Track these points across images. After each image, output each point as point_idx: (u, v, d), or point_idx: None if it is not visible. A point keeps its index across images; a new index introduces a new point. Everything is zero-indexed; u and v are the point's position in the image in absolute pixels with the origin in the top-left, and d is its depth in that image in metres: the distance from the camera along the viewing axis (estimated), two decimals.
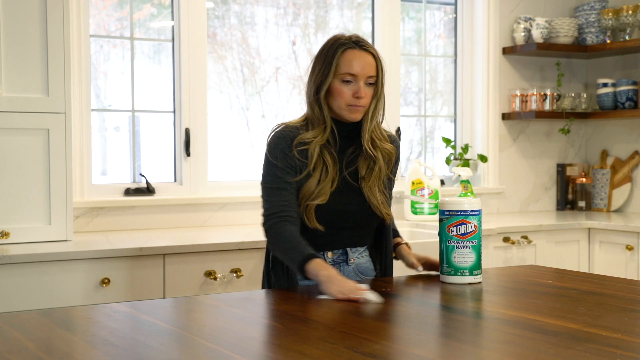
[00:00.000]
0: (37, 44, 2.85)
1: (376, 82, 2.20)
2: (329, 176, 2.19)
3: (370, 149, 2.23)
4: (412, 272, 2.31)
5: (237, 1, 3.79)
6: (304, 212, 2.18)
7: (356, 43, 2.19)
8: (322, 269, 2.00)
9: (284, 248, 2.12)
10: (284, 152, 2.18)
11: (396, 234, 2.42)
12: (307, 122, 2.23)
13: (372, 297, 1.89)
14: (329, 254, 2.24)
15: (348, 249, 2.26)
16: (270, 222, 2.16)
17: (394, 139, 2.34)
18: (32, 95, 2.85)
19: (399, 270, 2.37)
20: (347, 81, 2.17)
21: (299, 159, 2.18)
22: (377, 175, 2.25)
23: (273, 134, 2.23)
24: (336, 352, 1.45)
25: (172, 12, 3.58)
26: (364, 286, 1.94)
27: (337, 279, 1.96)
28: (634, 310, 1.86)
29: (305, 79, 2.26)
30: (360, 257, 2.28)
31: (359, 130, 2.25)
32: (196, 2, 3.56)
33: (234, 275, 2.91)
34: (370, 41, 4.06)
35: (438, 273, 2.20)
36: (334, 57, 2.18)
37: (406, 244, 2.39)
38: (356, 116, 2.19)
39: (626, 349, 1.45)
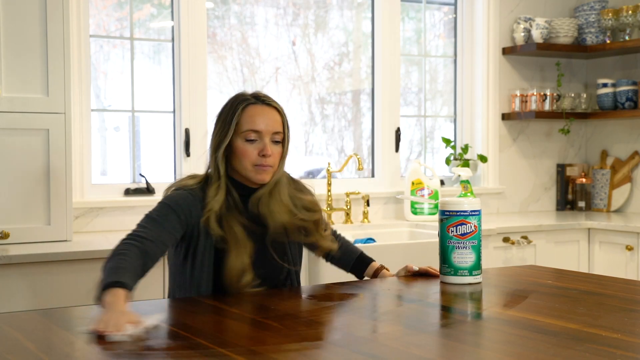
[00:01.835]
0: (37, 44, 2.85)
1: (283, 140, 2.09)
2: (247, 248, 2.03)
3: (266, 215, 2.07)
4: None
5: (237, 1, 3.79)
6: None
7: (257, 98, 2.09)
8: (112, 296, 1.72)
9: (111, 265, 1.87)
10: (189, 210, 2.04)
11: (367, 258, 2.34)
12: (205, 182, 2.10)
13: (131, 332, 1.57)
14: None
15: None
16: (128, 241, 1.96)
17: (300, 186, 2.22)
18: (32, 96, 2.85)
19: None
20: (251, 140, 2.05)
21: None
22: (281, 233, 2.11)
23: (181, 192, 2.09)
24: (336, 352, 1.45)
25: (172, 12, 3.58)
26: (150, 319, 1.65)
27: (111, 309, 1.67)
28: (634, 310, 1.86)
29: (306, 79, 2.24)
30: None
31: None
32: (196, 2, 3.56)
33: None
34: (370, 41, 4.09)
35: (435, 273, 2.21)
36: (234, 114, 2.07)
37: (386, 269, 2.31)
38: (264, 177, 2.06)
39: (626, 349, 1.45)
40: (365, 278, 2.33)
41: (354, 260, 2.34)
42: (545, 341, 1.50)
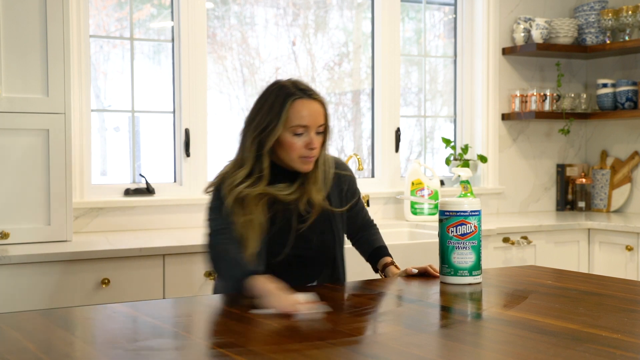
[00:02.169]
0: (37, 45, 2.85)
1: (325, 130, 2.16)
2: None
3: (318, 200, 2.18)
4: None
5: (237, 1, 3.79)
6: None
7: (303, 92, 2.12)
8: (261, 284, 1.90)
9: (227, 265, 2.04)
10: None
11: (385, 251, 2.39)
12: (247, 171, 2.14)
13: (311, 309, 1.78)
14: None
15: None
16: (216, 239, 2.09)
17: (342, 166, 2.32)
18: (32, 96, 2.85)
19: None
20: (299, 134, 2.10)
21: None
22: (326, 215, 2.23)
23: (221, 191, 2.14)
24: (336, 353, 1.45)
25: (172, 12, 3.58)
26: (304, 297, 1.83)
27: (275, 294, 1.84)
28: (634, 310, 1.86)
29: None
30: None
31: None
32: (196, 3, 3.56)
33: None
34: (370, 41, 4.09)
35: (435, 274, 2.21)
36: (282, 108, 2.09)
37: (395, 265, 2.34)
38: (309, 167, 2.15)
39: (625, 349, 1.45)
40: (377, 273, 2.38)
41: (372, 250, 2.38)
42: (545, 341, 1.50)
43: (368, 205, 3.79)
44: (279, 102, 2.10)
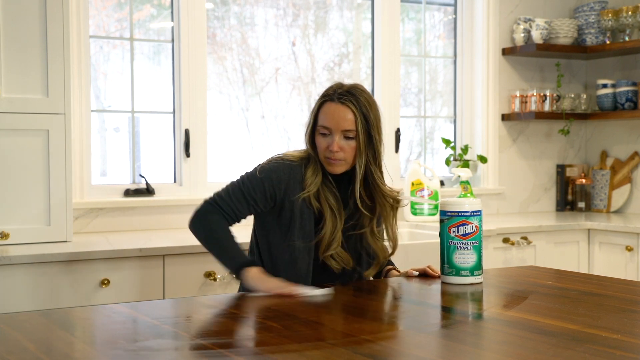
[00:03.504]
0: (37, 45, 2.85)
1: (357, 136, 2.16)
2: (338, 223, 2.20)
3: (363, 204, 2.21)
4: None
5: (237, 2, 3.79)
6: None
7: (338, 95, 2.17)
8: (258, 273, 2.09)
9: (222, 242, 2.18)
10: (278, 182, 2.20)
11: (390, 262, 2.44)
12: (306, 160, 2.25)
13: (312, 292, 1.94)
14: None
15: None
16: (214, 207, 2.20)
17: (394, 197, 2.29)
18: (32, 96, 2.85)
19: None
20: (324, 134, 2.18)
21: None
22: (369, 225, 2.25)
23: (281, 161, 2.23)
24: (336, 353, 1.45)
25: (172, 12, 3.58)
26: (304, 289, 1.99)
27: (266, 279, 2.06)
28: (633, 311, 1.86)
29: (305, 80, 2.26)
30: None
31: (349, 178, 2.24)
32: (196, 3, 3.56)
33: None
34: (369, 42, 4.09)
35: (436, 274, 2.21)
36: (317, 107, 2.22)
37: (396, 269, 2.40)
38: (334, 169, 2.19)
39: (625, 350, 1.45)
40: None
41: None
42: (545, 342, 1.50)
43: None
44: (318, 102, 2.23)
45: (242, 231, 2.30)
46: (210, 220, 2.19)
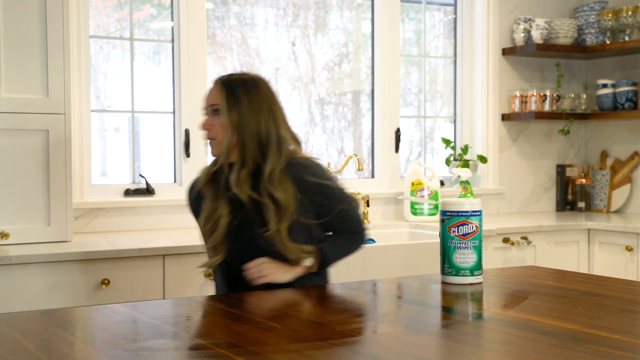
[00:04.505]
0: (37, 45, 2.85)
1: (223, 111, 2.11)
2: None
3: (241, 192, 2.12)
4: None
5: (237, 2, 3.79)
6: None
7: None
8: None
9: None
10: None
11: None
12: None
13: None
14: None
15: None
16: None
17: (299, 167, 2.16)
18: (31, 96, 2.85)
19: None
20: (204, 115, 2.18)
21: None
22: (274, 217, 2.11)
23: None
24: (336, 353, 1.45)
25: (172, 12, 3.58)
26: None
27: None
28: (634, 311, 1.86)
29: (305, 80, 2.26)
30: None
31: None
32: (196, 3, 3.56)
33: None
34: (369, 42, 4.08)
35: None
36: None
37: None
38: (213, 152, 2.17)
39: (626, 350, 1.45)
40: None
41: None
42: (545, 342, 1.50)
43: (368, 205, 3.79)
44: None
45: None
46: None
